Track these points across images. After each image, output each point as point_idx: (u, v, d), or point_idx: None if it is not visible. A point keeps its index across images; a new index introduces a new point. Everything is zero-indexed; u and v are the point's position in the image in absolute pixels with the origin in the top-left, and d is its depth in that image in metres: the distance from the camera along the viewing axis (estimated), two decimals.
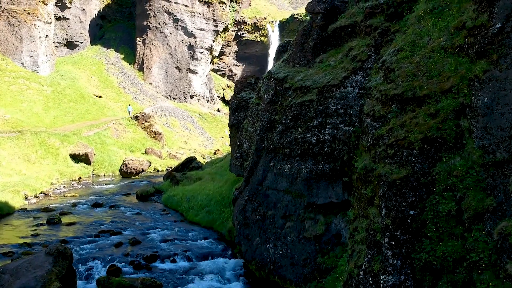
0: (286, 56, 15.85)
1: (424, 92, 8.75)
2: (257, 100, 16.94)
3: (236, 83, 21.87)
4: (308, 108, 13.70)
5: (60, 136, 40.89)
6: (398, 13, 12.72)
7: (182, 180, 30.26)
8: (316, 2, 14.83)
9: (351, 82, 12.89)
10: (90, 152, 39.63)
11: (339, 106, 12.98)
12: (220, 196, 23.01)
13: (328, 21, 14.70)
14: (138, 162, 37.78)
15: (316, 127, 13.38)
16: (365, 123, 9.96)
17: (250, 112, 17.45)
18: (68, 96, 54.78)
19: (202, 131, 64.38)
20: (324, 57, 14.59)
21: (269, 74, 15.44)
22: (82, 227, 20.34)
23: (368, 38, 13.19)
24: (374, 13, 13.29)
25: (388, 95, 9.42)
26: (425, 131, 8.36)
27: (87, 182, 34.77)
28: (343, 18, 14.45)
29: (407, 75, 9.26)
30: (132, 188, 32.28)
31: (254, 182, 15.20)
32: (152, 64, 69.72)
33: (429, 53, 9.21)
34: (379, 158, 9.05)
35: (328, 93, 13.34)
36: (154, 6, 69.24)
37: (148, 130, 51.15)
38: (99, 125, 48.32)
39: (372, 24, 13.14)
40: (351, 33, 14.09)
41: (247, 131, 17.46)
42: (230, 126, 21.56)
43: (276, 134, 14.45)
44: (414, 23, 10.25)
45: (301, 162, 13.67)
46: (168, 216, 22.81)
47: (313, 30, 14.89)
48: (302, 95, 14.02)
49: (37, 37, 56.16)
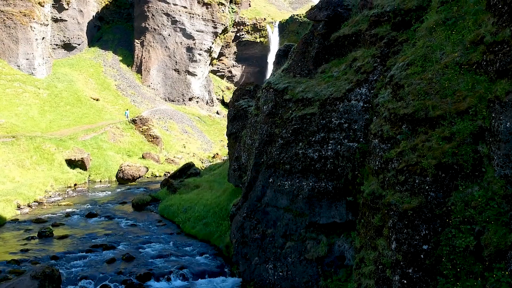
0: (286, 65, 15.11)
1: (438, 112, 8.01)
2: (255, 111, 16.20)
3: (235, 91, 21.12)
4: (309, 122, 12.96)
5: (56, 141, 40.11)
6: (406, 22, 11.99)
7: (179, 188, 29.51)
8: (317, 9, 14.09)
9: (356, 95, 12.16)
10: (86, 158, 38.85)
11: (343, 120, 12.25)
12: (218, 207, 22.26)
13: (330, 29, 13.96)
14: (135, 168, 37.01)
15: (318, 142, 12.64)
16: (372, 143, 9.21)
17: (249, 123, 16.71)
18: (65, 99, 54.01)
19: (201, 134, 63.61)
20: (327, 67, 13.85)
21: (269, 84, 14.69)
22: (75, 240, 19.58)
23: (373, 48, 12.45)
24: (379, 21, 12.55)
25: (398, 115, 8.68)
26: (439, 157, 7.63)
27: (82, 189, 34.00)
28: (346, 26, 13.71)
29: (418, 92, 8.52)
30: (128, 195, 31.51)
31: (252, 198, 14.46)
32: (151, 66, 68.96)
33: (442, 69, 8.47)
34: (388, 184, 8.30)
35: (331, 106, 12.61)
36: (152, 8, 68.49)
37: (146, 134, 50.36)
38: (96, 129, 47.52)
39: (377, 33, 12.41)
40: (355, 42, 13.35)
41: (246, 143, 16.72)
42: (228, 135, 20.81)
43: (276, 148, 13.71)
44: (425, 35, 9.51)
45: (302, 179, 12.93)
46: (164, 228, 22.05)
47: (315, 38, 14.15)
48: (303, 107, 13.28)
49: (34, 39, 55.37)
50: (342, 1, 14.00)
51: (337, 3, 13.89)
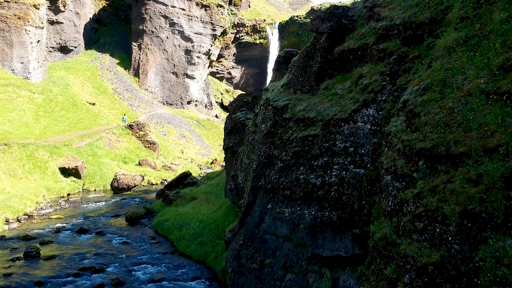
0: (286, 80, 14.02)
1: (461, 149, 6.93)
2: (253, 128, 15.12)
3: (231, 102, 20.05)
4: (311, 144, 11.88)
5: (50, 148, 39.02)
6: (417, 36, 10.91)
7: (175, 199, 28.43)
8: (320, 21, 13.02)
9: (362, 117, 11.08)
10: (81, 166, 37.77)
11: (348, 143, 11.18)
12: (214, 223, 21.20)
13: (334, 42, 12.88)
14: (130, 177, 35.93)
15: (321, 167, 11.56)
16: (384, 180, 8.13)
17: (246, 140, 15.63)
18: (60, 104, 52.91)
19: (199, 138, 62.53)
20: (330, 83, 12.77)
21: (267, 101, 13.61)
22: (62, 262, 18.49)
23: (381, 64, 11.37)
24: (388, 35, 11.48)
25: (414, 148, 7.60)
26: (464, 203, 6.55)
27: (75, 199, 32.90)
28: (351, 39, 12.63)
29: (437, 124, 7.44)
30: (122, 206, 30.43)
31: (250, 224, 13.38)
32: (148, 69, 67.88)
33: (464, 97, 7.40)
34: (404, 230, 7.23)
35: (335, 127, 11.53)
36: (150, 10, 67.40)
37: (143, 140, 49.28)
38: (91, 134, 46.44)
39: (386, 48, 11.33)
40: (361, 57, 12.27)
41: (243, 162, 15.63)
42: (225, 149, 19.74)
43: (275, 172, 12.63)
44: (442, 55, 8.43)
45: (304, 207, 11.85)
46: (157, 247, 20.97)
47: (317, 52, 13.08)
48: (305, 128, 12.20)
49: (28, 42, 54.27)
50: (346, 12, 12.93)
51: (341, 14, 12.81)
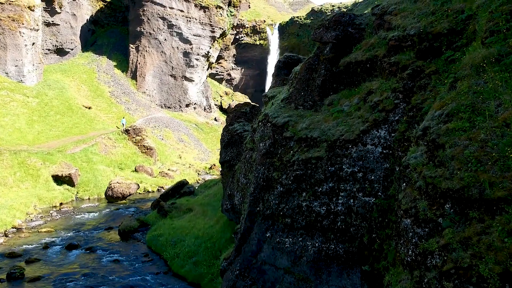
0: (287, 93, 12.83)
1: (499, 193, 5.75)
2: (251, 144, 13.93)
3: (229, 112, 18.86)
4: (315, 168, 10.69)
5: (43, 155, 37.84)
6: (434, 48, 9.73)
7: (170, 211, 27.26)
8: (324, 29, 11.83)
9: (372, 138, 9.89)
10: (74, 173, 36.59)
11: (356, 168, 9.99)
12: (210, 240, 20.01)
13: (339, 53, 11.69)
14: (125, 185, 34.74)
15: (326, 193, 10.38)
16: (403, 223, 6.94)
17: (243, 157, 14.44)
18: (55, 108, 51.71)
19: (198, 142, 61.33)
20: (335, 98, 11.59)
21: (266, 117, 12.42)
22: (48, 284, 17.30)
23: (393, 79, 10.19)
24: (400, 46, 10.29)
25: (438, 188, 6.41)
26: (505, 262, 5.37)
27: (68, 209, 31.70)
28: (359, 50, 11.44)
29: (466, 159, 6.26)
30: (116, 218, 29.24)
31: (247, 252, 12.19)
32: (146, 72, 66.68)
33: (500, 127, 6.22)
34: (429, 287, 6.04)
35: (341, 149, 10.34)
36: (148, 11, 66.22)
37: (140, 145, 48.10)
38: (86, 140, 45.25)
39: (398, 62, 10.15)
40: (370, 70, 11.08)
41: (239, 181, 14.44)
42: (222, 163, 18.56)
43: (274, 197, 11.44)
44: (469, 75, 7.24)
45: (307, 237, 10.66)
46: (150, 265, 19.78)
47: (321, 63, 11.89)
48: (308, 149, 11.02)
49: (23, 45, 53.06)
50: (353, 20, 11.74)
51: (347, 22, 11.62)
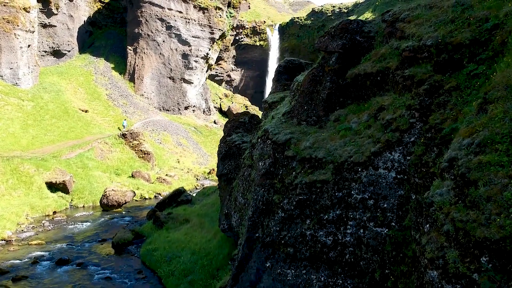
0: (288, 107, 11.78)
1: None
2: (249, 161, 12.88)
3: (226, 122, 17.81)
4: (320, 193, 9.64)
5: (36, 161, 36.80)
6: (454, 61, 8.67)
7: (166, 222, 26.21)
8: (329, 37, 10.77)
9: (385, 162, 8.84)
10: (69, 180, 35.54)
11: (367, 195, 8.94)
12: (207, 257, 18.98)
13: (346, 64, 10.64)
14: (120, 193, 33.68)
15: (333, 222, 9.33)
16: (428, 276, 5.87)
17: (241, 174, 13.39)
18: (51, 111, 50.67)
19: (196, 146, 60.28)
20: (342, 114, 10.53)
21: (265, 133, 11.37)
22: None
23: (407, 95, 9.13)
24: (416, 58, 9.23)
25: (471, 235, 5.36)
26: None
27: (61, 218, 30.64)
28: (368, 60, 10.39)
29: (507, 203, 5.21)
30: (110, 228, 28.20)
31: (244, 282, 11.13)
32: (144, 74, 65.63)
33: None
34: None
35: (349, 173, 9.29)
36: (146, 13, 65.18)
37: (137, 150, 47.07)
38: (82, 145, 44.22)
39: (413, 75, 9.09)
40: (381, 83, 10.03)
41: (237, 200, 13.39)
42: (219, 176, 17.51)
43: (275, 222, 10.39)
44: (503, 96, 6.19)
45: (311, 270, 9.61)
46: (143, 284, 18.73)
47: (326, 75, 10.83)
48: (312, 171, 9.96)
49: (18, 47, 52.00)
50: (361, 27, 10.68)
51: (355, 30, 10.57)
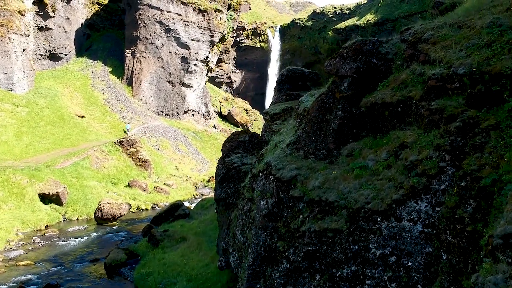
0: (293, 136, 10.42)
1: None
2: (249, 193, 11.53)
3: (225, 142, 16.47)
4: (332, 244, 8.29)
5: (29, 171, 35.49)
6: (493, 93, 7.33)
7: (162, 240, 24.88)
8: (341, 59, 9.43)
9: (410, 212, 7.49)
10: (62, 192, 34.22)
11: (388, 250, 7.59)
12: (204, 285, 17.63)
13: (360, 90, 9.30)
14: (115, 206, 32.36)
15: (347, 280, 7.98)
16: None
17: (241, 207, 12.04)
18: (46, 117, 49.38)
19: (196, 152, 58.96)
20: (355, 148, 9.19)
21: (268, 167, 10.02)
22: None
23: (435, 132, 7.78)
24: (444, 88, 7.89)
25: None
26: None
27: (53, 234, 29.29)
28: (386, 87, 9.04)
29: None
30: (104, 245, 26.88)
31: None
32: (142, 78, 64.32)
33: None
34: None
35: (367, 222, 7.95)
36: (144, 15, 63.87)
37: (134, 157, 45.74)
38: (77, 152, 42.91)
39: (442, 109, 7.74)
40: (402, 115, 8.68)
41: (236, 236, 12.04)
42: (217, 200, 16.19)
43: (279, 274, 9.04)
44: None
45: None
46: None
47: (337, 102, 9.49)
48: (322, 216, 8.62)
49: (13, 51, 50.73)
50: (377, 48, 9.34)
51: (370, 51, 9.22)
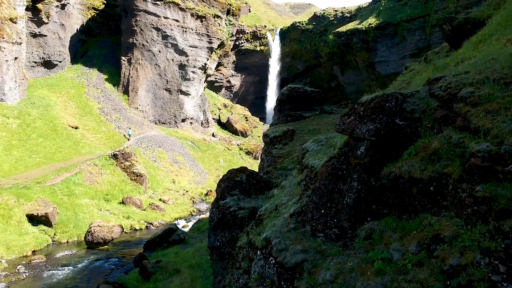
0: (298, 205, 8.71)
1: None
2: (246, 263, 9.82)
3: (219, 181, 14.77)
4: None
5: (17, 189, 33.83)
6: None
7: (154, 272, 23.20)
8: (356, 118, 7.72)
9: None
10: (52, 212, 32.55)
11: None
12: None
13: (381, 157, 7.58)
14: (106, 228, 30.68)
15: None
16: None
17: (235, 279, 10.32)
18: (38, 129, 47.69)
19: (193, 163, 57.25)
20: (376, 228, 7.47)
21: (267, 244, 8.31)
22: None
23: (481, 228, 6.05)
24: (493, 171, 6.17)
25: None
26: None
27: (39, 261, 27.60)
28: (413, 156, 7.32)
29: None
30: (93, 274, 25.21)
31: None
32: (139, 86, 62.62)
33: None
34: None
35: None
36: (141, 22, 62.18)
37: (129, 171, 44.08)
38: (69, 167, 41.24)
39: (491, 199, 6.02)
40: (435, 195, 6.96)
41: None
42: (210, 248, 14.50)
43: None
44: None
45: None
46: None
47: (352, 170, 7.77)
48: None
49: (4, 60, 49.10)
50: (401, 105, 7.64)
51: (393, 110, 7.50)
